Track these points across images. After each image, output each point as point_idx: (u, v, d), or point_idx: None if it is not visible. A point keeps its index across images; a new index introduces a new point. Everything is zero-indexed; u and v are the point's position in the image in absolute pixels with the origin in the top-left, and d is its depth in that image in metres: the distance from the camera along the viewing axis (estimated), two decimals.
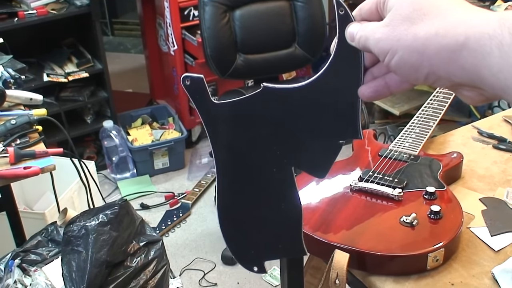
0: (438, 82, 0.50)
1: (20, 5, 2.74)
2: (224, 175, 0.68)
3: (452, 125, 2.62)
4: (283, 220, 0.70)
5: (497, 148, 1.32)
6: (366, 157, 1.23)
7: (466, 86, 0.50)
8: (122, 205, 1.54)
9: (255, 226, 0.71)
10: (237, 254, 0.73)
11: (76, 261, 1.45)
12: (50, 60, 2.96)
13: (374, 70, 0.59)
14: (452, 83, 0.50)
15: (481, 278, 0.95)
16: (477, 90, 0.50)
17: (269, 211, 0.69)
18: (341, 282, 0.95)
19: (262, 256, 0.72)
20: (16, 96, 1.74)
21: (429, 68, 0.49)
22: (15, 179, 1.53)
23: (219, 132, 0.66)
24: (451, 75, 0.49)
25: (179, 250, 2.54)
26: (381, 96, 0.59)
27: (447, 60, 0.48)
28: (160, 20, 3.21)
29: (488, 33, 0.45)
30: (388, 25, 0.51)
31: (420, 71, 0.50)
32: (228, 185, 0.68)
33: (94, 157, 3.13)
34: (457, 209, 1.04)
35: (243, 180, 0.68)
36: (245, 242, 0.73)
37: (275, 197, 0.68)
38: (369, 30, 0.53)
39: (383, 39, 0.52)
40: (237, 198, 0.70)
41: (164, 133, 3.15)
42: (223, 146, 0.66)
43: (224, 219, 0.71)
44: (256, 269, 0.72)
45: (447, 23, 0.48)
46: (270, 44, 2.60)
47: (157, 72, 3.47)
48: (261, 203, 0.69)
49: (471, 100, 0.52)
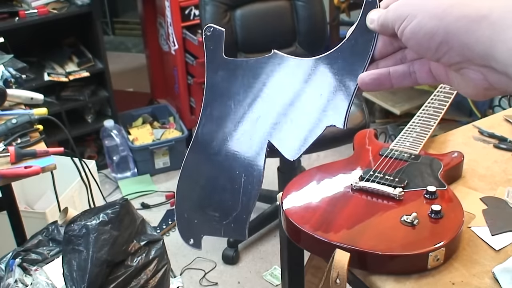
0: (448, 54, 0.50)
1: (21, 5, 2.74)
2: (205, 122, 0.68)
3: (453, 124, 2.61)
4: (237, 194, 0.66)
5: (498, 147, 1.32)
6: (367, 157, 1.23)
7: (474, 64, 0.50)
8: (123, 204, 1.54)
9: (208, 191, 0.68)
10: (179, 219, 0.71)
11: (77, 260, 1.45)
12: (51, 59, 2.96)
13: (380, 63, 0.58)
14: (462, 58, 0.49)
15: (481, 277, 0.95)
16: (485, 70, 0.49)
17: (228, 179, 0.66)
18: (341, 281, 0.95)
19: (203, 229, 0.69)
20: (17, 95, 1.74)
21: (443, 36, 0.49)
22: (16, 179, 1.53)
23: (218, 80, 0.68)
24: (465, 47, 0.48)
25: (179, 249, 2.54)
26: (380, 87, 0.58)
27: (465, 29, 0.48)
28: (160, 20, 3.21)
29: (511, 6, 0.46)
30: None
31: (434, 38, 0.50)
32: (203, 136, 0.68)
33: (95, 156, 3.13)
34: (458, 208, 1.04)
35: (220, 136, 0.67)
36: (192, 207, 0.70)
37: (241, 166, 0.65)
38: (391, 6, 0.54)
39: (405, 4, 0.52)
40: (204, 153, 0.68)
41: (164, 133, 3.15)
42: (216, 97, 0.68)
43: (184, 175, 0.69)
44: (192, 241, 0.70)
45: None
46: (271, 43, 2.60)
47: (158, 71, 3.48)
48: (224, 168, 0.66)
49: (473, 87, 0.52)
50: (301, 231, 1.02)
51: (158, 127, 3.23)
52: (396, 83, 0.57)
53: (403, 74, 0.57)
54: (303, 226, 1.02)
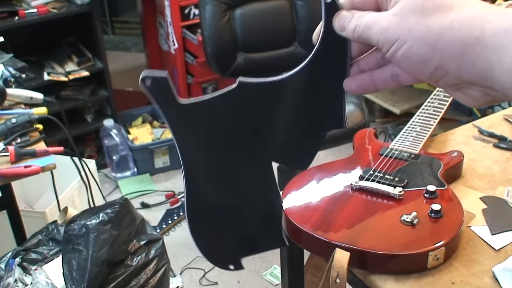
0: (445, 78, 0.48)
1: (21, 4, 2.74)
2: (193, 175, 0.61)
3: (453, 123, 2.62)
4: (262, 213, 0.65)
5: (497, 147, 1.32)
6: (367, 156, 1.23)
7: (473, 84, 0.48)
8: (123, 204, 1.54)
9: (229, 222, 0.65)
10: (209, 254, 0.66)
11: (76, 260, 1.45)
12: (50, 59, 2.96)
13: (361, 62, 0.56)
14: (460, 80, 0.48)
15: (481, 276, 0.95)
16: (485, 89, 0.48)
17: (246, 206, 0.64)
18: (341, 281, 0.95)
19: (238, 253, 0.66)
20: (16, 95, 1.74)
21: (439, 62, 0.47)
22: (15, 178, 1.53)
23: (188, 135, 0.58)
24: (461, 70, 0.47)
25: (179, 249, 2.54)
26: (365, 91, 0.56)
27: (459, 54, 0.46)
28: (160, 19, 3.21)
29: (504, 28, 0.44)
30: (397, 14, 0.49)
31: (428, 64, 0.48)
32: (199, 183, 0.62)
33: (94, 155, 3.13)
34: (458, 208, 1.04)
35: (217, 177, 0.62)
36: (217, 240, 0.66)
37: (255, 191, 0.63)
38: (369, 19, 0.51)
39: (392, 27, 0.49)
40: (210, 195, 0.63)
41: (164, 132, 3.15)
42: (192, 147, 0.60)
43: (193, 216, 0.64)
44: (232, 267, 0.66)
45: (462, 16, 0.46)
46: (270, 42, 2.60)
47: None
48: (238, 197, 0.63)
49: (474, 101, 0.50)
50: (301, 230, 1.02)
51: (158, 127, 3.23)
52: (381, 87, 0.56)
53: (385, 78, 0.55)
54: (303, 225, 1.02)
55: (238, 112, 0.58)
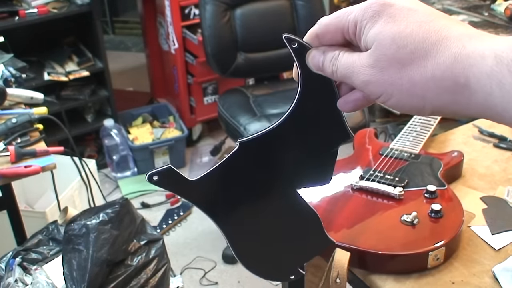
0: (443, 114, 0.49)
1: (21, 4, 2.74)
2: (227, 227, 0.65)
3: (453, 123, 2.61)
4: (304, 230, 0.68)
5: (497, 146, 1.32)
6: (367, 156, 1.23)
7: None
8: (123, 203, 1.54)
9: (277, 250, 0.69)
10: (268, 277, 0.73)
11: (77, 259, 1.45)
12: (51, 58, 2.96)
13: None
14: (458, 117, 0.49)
15: (481, 276, 0.95)
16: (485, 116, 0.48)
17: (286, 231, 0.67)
18: (342, 280, 0.95)
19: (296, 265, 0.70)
20: (17, 94, 1.74)
21: (432, 109, 0.47)
22: (16, 178, 1.53)
23: (208, 201, 0.62)
24: (457, 113, 0.47)
25: (179, 249, 2.54)
26: (360, 108, 0.55)
27: (451, 101, 0.46)
28: (160, 19, 3.21)
29: (486, 73, 0.43)
30: (374, 66, 0.47)
31: (422, 111, 0.48)
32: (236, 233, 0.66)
33: (94, 155, 3.13)
34: (458, 207, 1.04)
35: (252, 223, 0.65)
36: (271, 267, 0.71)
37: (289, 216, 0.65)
38: (346, 68, 0.50)
39: (373, 82, 0.48)
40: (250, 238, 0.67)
41: (164, 132, 3.15)
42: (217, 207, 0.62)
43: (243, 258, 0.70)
44: (293, 277, 0.70)
45: (440, 63, 0.45)
46: (270, 42, 2.60)
47: (157, 70, 3.48)
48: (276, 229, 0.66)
49: None
50: None
51: (158, 126, 3.23)
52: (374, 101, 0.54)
53: None
54: None
55: (249, 168, 0.61)
